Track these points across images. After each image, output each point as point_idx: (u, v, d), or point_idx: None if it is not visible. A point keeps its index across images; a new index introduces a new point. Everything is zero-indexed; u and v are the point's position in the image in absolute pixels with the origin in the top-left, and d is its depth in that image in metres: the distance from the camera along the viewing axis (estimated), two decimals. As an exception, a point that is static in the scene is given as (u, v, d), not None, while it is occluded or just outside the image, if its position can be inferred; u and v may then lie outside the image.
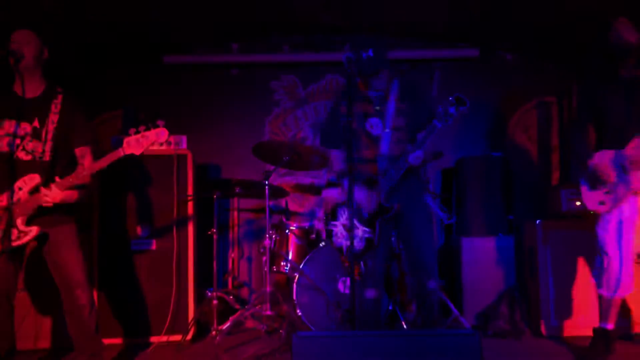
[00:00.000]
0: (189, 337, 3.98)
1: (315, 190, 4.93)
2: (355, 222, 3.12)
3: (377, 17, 4.97)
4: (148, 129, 2.99)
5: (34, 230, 2.94)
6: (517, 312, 4.16)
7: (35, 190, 2.93)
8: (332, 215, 3.26)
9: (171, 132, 4.15)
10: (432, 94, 5.43)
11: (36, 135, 3.00)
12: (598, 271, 3.34)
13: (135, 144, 2.98)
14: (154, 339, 3.97)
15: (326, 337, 2.09)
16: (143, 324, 4.02)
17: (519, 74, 5.27)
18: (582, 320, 3.94)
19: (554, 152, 5.27)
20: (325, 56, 5.29)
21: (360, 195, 3.13)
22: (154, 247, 4.10)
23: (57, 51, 4.35)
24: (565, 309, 3.99)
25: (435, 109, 2.96)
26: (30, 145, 2.99)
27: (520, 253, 4.41)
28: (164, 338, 3.93)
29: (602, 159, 3.29)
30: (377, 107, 3.22)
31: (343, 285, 3.91)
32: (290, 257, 4.23)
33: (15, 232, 2.90)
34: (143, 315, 4.02)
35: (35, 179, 2.95)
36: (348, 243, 3.09)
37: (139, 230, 4.10)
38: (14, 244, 2.90)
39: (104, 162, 2.97)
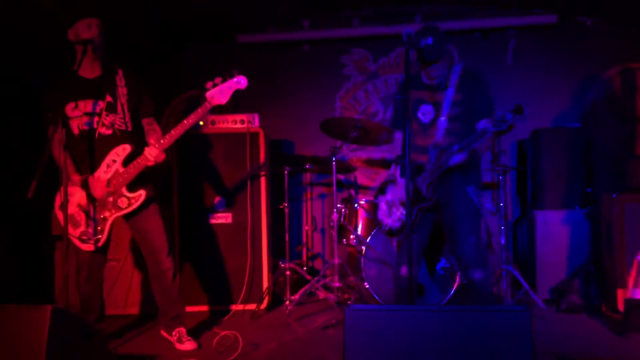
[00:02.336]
0: (263, 306, 4.20)
1: (386, 164, 4.97)
2: (397, 202, 3.18)
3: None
4: (225, 79, 3.11)
5: (142, 193, 3.16)
6: (592, 287, 4.06)
7: (129, 160, 3.14)
8: (380, 190, 3.31)
9: (244, 111, 4.39)
10: (507, 62, 5.27)
11: (112, 109, 3.19)
12: None
13: (219, 95, 3.09)
14: (232, 307, 4.21)
15: (377, 310, 2.17)
16: (222, 293, 4.27)
17: (600, 40, 4.98)
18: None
19: (638, 122, 4.98)
20: (395, 29, 5.22)
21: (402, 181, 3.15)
22: (230, 220, 4.32)
23: (134, 32, 4.62)
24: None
25: (494, 106, 2.97)
26: (108, 119, 3.18)
27: (596, 227, 4.26)
28: (241, 307, 4.17)
29: None
30: (432, 96, 3.19)
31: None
32: (359, 230, 4.32)
33: (124, 200, 3.15)
34: (222, 284, 4.27)
35: (127, 149, 3.16)
36: (387, 219, 3.20)
37: (216, 200, 4.32)
38: (127, 210, 3.15)
39: (194, 117, 3.10)
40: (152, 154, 3.10)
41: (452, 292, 3.90)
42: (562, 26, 5.06)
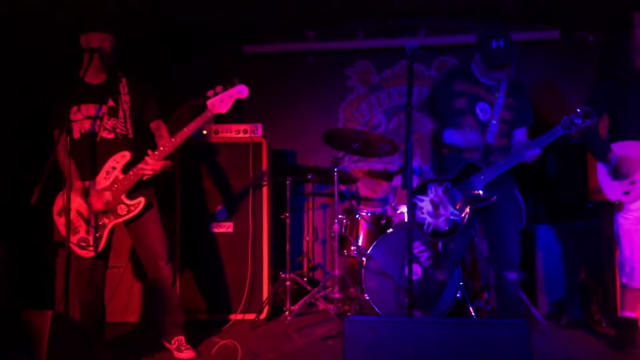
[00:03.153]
0: (263, 315, 4.19)
1: (387, 176, 4.97)
2: (445, 201, 3.16)
3: (451, 1, 4.90)
4: (226, 88, 3.13)
5: (141, 201, 3.18)
6: (593, 303, 4.05)
7: (128, 167, 3.16)
8: (419, 190, 3.24)
9: (248, 120, 4.42)
10: (510, 76, 5.28)
11: (114, 113, 3.23)
12: (621, 259, 3.35)
13: (220, 103, 3.12)
14: (231, 317, 4.21)
15: (376, 322, 2.18)
16: (222, 302, 4.27)
17: (601, 55, 5.02)
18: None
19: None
20: (399, 41, 5.27)
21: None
22: (231, 229, 4.33)
23: (140, 41, 4.66)
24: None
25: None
26: (109, 123, 3.21)
27: (598, 242, 4.26)
28: (240, 316, 4.17)
29: (626, 151, 3.25)
30: (489, 95, 3.22)
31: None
32: (360, 241, 4.32)
33: (123, 207, 3.17)
34: (222, 293, 4.28)
35: (126, 156, 3.19)
36: (432, 220, 3.15)
37: (218, 209, 4.33)
38: (126, 217, 3.16)
39: (194, 126, 3.12)
40: (148, 166, 3.12)
41: (452, 305, 3.89)
42: (564, 41, 5.10)
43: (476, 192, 3.07)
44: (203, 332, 3.86)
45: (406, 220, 4.06)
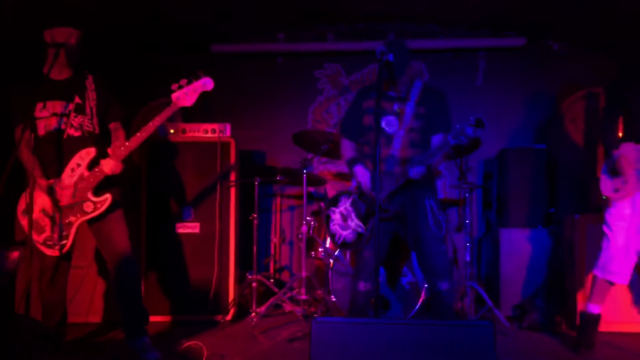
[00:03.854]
0: (229, 317, 4.16)
1: (355, 178, 4.99)
2: (352, 213, 3.19)
3: (422, 5, 4.96)
4: (190, 81, 3.10)
5: (108, 197, 3.11)
6: (553, 305, 4.15)
7: (93, 164, 3.10)
8: (333, 202, 3.29)
9: (217, 120, 4.39)
10: (477, 83, 5.39)
11: (81, 110, 3.17)
12: (600, 252, 3.47)
13: (185, 96, 3.08)
14: (196, 318, 4.17)
15: (343, 323, 2.18)
16: (187, 303, 4.22)
17: (566, 64, 5.15)
18: (618, 316, 3.90)
19: (600, 145, 5.15)
20: (368, 45, 5.28)
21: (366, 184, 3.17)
22: (197, 230, 4.29)
23: (109, 41, 4.59)
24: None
25: (452, 123, 2.98)
26: (76, 120, 3.15)
27: (559, 246, 4.37)
28: (206, 317, 4.14)
29: (627, 151, 3.36)
30: (396, 107, 3.22)
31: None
32: (328, 243, 4.33)
33: (90, 204, 3.10)
34: (188, 294, 4.22)
35: (91, 152, 3.12)
36: (341, 231, 3.19)
37: (185, 209, 4.29)
38: (93, 214, 3.10)
39: (159, 120, 3.08)
40: (108, 166, 3.08)
41: (418, 306, 3.93)
42: (530, 49, 5.21)
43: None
44: (168, 334, 3.83)
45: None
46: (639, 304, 3.91)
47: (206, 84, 3.12)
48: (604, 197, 3.45)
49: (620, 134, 3.49)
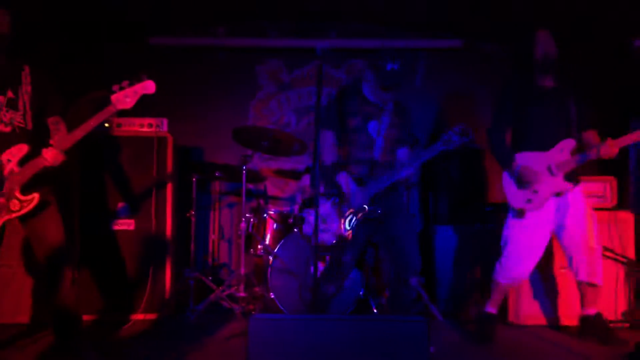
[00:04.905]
0: (165, 315, 4.08)
1: (296, 175, 5.00)
2: (333, 215, 3.20)
3: (363, 4, 5.00)
4: (132, 83, 3.01)
5: (35, 197, 2.97)
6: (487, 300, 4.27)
7: (24, 160, 2.96)
8: (309, 202, 3.30)
9: (154, 115, 4.28)
10: (416, 83, 5.49)
11: (12, 105, 3.02)
12: (501, 258, 3.63)
13: (124, 98, 2.98)
14: (131, 317, 4.05)
15: (281, 320, 2.17)
16: (121, 302, 4.11)
17: (500, 65, 5.31)
18: (549, 310, 4.07)
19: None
20: (310, 42, 5.32)
21: (350, 191, 3.20)
22: (132, 227, 4.18)
23: (41, 29, 4.41)
24: (531, 299, 4.09)
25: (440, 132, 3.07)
26: (7, 115, 3.00)
27: (493, 243, 4.49)
28: (141, 316, 4.03)
29: (528, 161, 3.47)
30: (377, 114, 3.28)
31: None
32: (267, 240, 4.31)
33: (16, 203, 2.95)
34: (121, 293, 4.12)
35: (23, 149, 2.97)
36: (321, 235, 3.19)
37: (120, 206, 4.17)
38: (18, 213, 2.95)
39: (96, 120, 2.96)
40: (50, 155, 2.95)
41: (354, 303, 3.97)
42: (467, 50, 5.35)
43: (360, 205, 3.15)
44: (102, 333, 3.72)
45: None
46: (539, 298, 4.07)
47: (147, 86, 3.03)
48: (518, 210, 3.53)
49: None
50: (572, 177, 3.48)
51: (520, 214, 3.53)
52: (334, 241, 3.18)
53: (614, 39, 3.85)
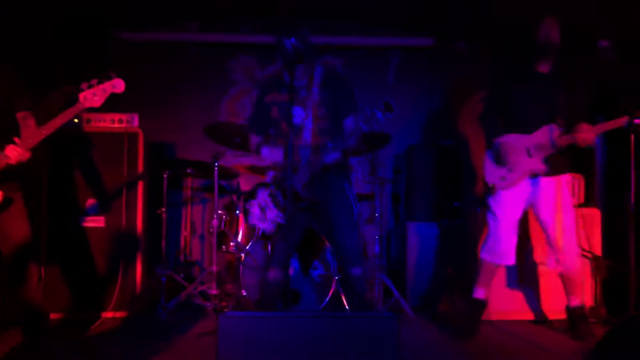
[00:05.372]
0: (135, 313, 4.04)
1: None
2: (270, 204, 3.20)
3: (337, 2, 5.01)
4: (101, 81, 2.97)
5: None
6: (457, 296, 4.33)
7: None
8: (251, 195, 3.30)
9: (125, 110, 4.23)
10: (389, 81, 5.52)
11: None
12: (486, 237, 3.66)
13: (93, 97, 2.94)
14: (101, 315, 4.01)
15: (251, 317, 2.17)
16: (91, 299, 4.06)
17: (471, 64, 5.37)
18: (521, 305, 4.14)
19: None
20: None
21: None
22: (102, 223, 4.13)
23: (8, 25, 4.33)
24: (502, 294, 4.15)
25: (361, 112, 2.98)
26: None
27: (463, 239, 4.56)
28: (111, 314, 3.99)
29: (509, 139, 3.52)
30: (301, 96, 3.23)
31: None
32: (239, 237, 4.29)
33: None
34: (92, 290, 4.07)
35: None
36: (260, 224, 3.18)
37: (87, 204, 4.12)
38: None
39: (64, 118, 2.92)
40: (15, 153, 2.89)
41: (328, 299, 3.98)
42: (438, 49, 5.39)
43: (293, 191, 3.13)
44: (71, 331, 3.67)
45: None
46: (512, 286, 4.13)
47: (116, 85, 2.99)
48: (490, 185, 3.59)
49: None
50: (556, 165, 3.53)
51: (492, 189, 3.58)
52: (273, 230, 3.17)
53: (580, 39, 3.91)
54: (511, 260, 3.62)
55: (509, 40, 4.91)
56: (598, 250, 4.14)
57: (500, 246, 3.59)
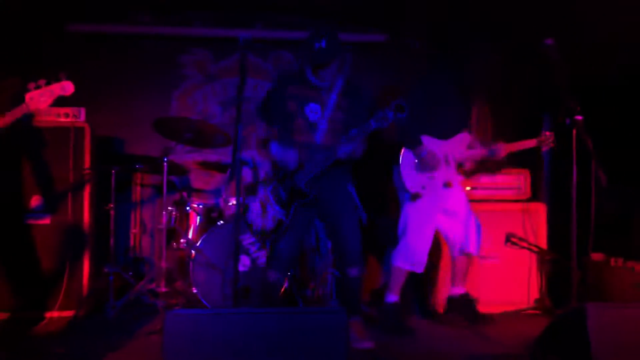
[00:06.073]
0: (82, 312, 3.94)
1: (221, 168, 4.92)
2: (272, 201, 3.18)
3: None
4: (49, 83, 2.88)
5: None
6: (411, 290, 4.38)
7: None
8: (251, 191, 3.27)
9: (72, 104, 4.11)
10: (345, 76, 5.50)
11: None
12: (399, 245, 3.68)
13: (39, 98, 2.86)
14: (46, 314, 3.90)
15: (198, 314, 2.14)
16: (35, 299, 3.93)
17: (424, 61, 5.42)
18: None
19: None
20: (237, 32, 5.21)
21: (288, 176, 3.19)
22: (47, 220, 4.00)
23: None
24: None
25: (374, 110, 3.04)
26: None
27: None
28: (57, 313, 3.88)
29: (431, 146, 3.55)
30: (319, 96, 3.26)
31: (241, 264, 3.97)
32: (190, 234, 4.23)
33: None
34: (35, 289, 3.94)
35: None
36: (260, 220, 3.19)
37: (33, 202, 3.99)
38: None
39: (8, 119, 2.86)
40: None
41: (280, 295, 3.96)
42: (391, 45, 5.42)
43: (297, 188, 3.15)
44: (15, 331, 3.59)
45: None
46: None
47: (65, 87, 2.91)
48: (413, 194, 3.60)
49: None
50: (465, 171, 3.63)
51: (414, 197, 3.59)
52: (274, 226, 3.18)
53: (527, 38, 4.01)
54: (422, 268, 3.67)
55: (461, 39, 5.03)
56: (544, 244, 4.26)
57: (417, 256, 3.62)
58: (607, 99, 4.48)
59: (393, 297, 3.73)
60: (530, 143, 3.70)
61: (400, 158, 3.64)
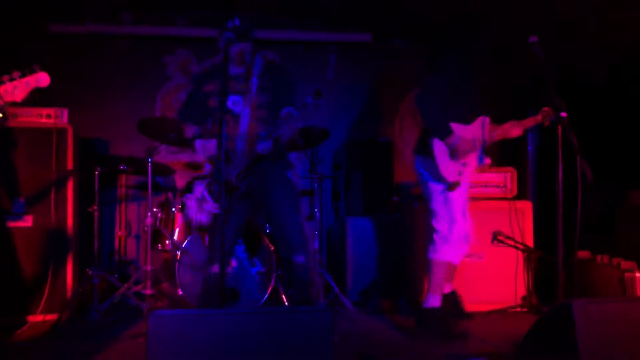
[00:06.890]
0: (66, 316, 3.88)
1: (207, 168, 4.89)
2: (207, 196, 3.15)
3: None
4: (24, 74, 2.83)
5: None
6: (397, 290, 4.38)
7: None
8: (187, 189, 3.25)
9: (55, 105, 4.06)
10: (328, 77, 5.51)
11: None
12: (439, 236, 3.52)
13: (14, 90, 2.79)
14: (28, 318, 3.84)
15: (183, 315, 2.11)
16: (17, 302, 3.87)
17: (409, 60, 5.43)
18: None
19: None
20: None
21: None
22: (30, 223, 3.94)
23: None
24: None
25: (296, 94, 3.04)
26: None
27: (401, 233, 4.60)
28: (40, 317, 3.82)
29: (460, 132, 3.42)
30: (239, 86, 3.22)
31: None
32: (176, 235, 4.19)
33: None
34: (17, 293, 3.88)
35: None
36: (197, 216, 3.16)
37: (16, 201, 3.93)
38: None
39: None
40: None
41: (267, 296, 3.94)
42: (376, 45, 5.42)
43: (228, 182, 3.11)
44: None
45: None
46: None
47: (40, 79, 2.84)
48: (453, 183, 3.42)
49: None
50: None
51: (453, 186, 3.43)
52: (210, 221, 3.15)
53: (512, 35, 4.03)
54: (459, 259, 3.58)
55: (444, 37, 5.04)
56: (530, 242, 4.27)
57: (461, 243, 3.51)
58: (589, 97, 4.51)
59: (430, 299, 3.53)
60: (536, 119, 3.54)
61: (433, 148, 3.44)
